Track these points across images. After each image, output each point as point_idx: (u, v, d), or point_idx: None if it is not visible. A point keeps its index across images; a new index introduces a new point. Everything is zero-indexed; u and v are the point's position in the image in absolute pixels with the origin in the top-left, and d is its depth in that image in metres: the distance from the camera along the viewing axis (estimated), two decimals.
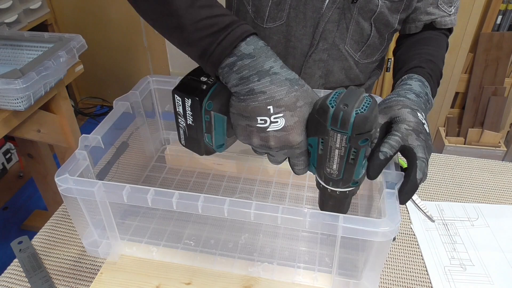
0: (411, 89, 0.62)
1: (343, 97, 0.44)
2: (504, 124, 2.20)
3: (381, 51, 0.84)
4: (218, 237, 0.71)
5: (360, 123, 0.42)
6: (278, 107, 0.46)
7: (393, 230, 0.50)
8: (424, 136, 0.53)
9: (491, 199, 0.83)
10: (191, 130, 0.54)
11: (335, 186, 0.50)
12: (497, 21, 2.00)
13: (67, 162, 0.60)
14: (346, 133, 0.44)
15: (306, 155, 0.50)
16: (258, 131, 0.47)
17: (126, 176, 0.82)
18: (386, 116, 0.56)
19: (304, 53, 0.80)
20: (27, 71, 1.08)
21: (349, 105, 0.43)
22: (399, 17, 0.77)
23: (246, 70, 0.46)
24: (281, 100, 0.46)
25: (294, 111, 0.46)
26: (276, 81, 0.46)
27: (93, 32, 2.44)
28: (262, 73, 0.46)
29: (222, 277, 0.64)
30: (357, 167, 0.47)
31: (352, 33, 0.77)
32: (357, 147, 0.45)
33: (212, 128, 0.52)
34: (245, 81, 0.46)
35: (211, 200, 0.54)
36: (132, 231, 0.72)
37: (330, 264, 0.66)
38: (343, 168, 0.47)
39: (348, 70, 0.84)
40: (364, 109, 0.43)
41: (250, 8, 0.79)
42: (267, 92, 0.45)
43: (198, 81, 0.51)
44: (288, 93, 0.46)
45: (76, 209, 0.63)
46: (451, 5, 0.79)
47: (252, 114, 0.46)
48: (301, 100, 0.47)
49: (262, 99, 0.46)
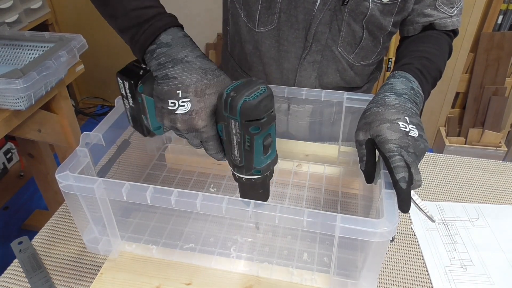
0: (392, 89, 0.61)
1: (239, 85, 0.47)
2: (505, 124, 2.20)
3: (377, 54, 0.83)
4: (218, 235, 0.71)
5: (247, 110, 0.46)
6: (186, 92, 0.50)
7: (391, 230, 0.50)
8: (412, 148, 0.54)
9: (491, 199, 0.83)
10: (133, 112, 0.60)
11: (240, 172, 0.53)
12: (498, 21, 2.00)
13: (68, 159, 0.60)
14: (236, 119, 0.47)
15: (214, 140, 0.53)
16: (168, 113, 0.51)
17: (127, 174, 0.82)
18: (367, 133, 0.57)
19: (298, 56, 0.80)
20: (28, 71, 1.08)
21: (239, 93, 0.46)
22: (393, 19, 0.75)
23: (163, 57, 0.51)
24: (190, 86, 0.50)
25: (202, 97, 0.50)
26: (188, 69, 0.50)
27: (93, 32, 2.44)
28: (176, 60, 0.51)
29: (222, 278, 0.64)
30: (255, 155, 0.50)
31: (344, 35, 0.76)
32: (250, 134, 0.47)
33: (146, 110, 0.57)
34: (162, 67, 0.51)
35: (210, 198, 0.54)
36: (132, 228, 0.73)
37: (328, 264, 0.66)
38: (242, 155, 0.50)
39: (343, 72, 0.83)
40: (253, 97, 0.46)
41: (242, 12, 0.79)
42: (178, 78, 0.50)
43: (138, 67, 0.57)
44: (198, 80, 0.50)
45: (76, 206, 0.63)
46: (452, 6, 0.76)
47: (165, 97, 0.51)
48: (212, 89, 0.50)
49: (173, 84, 0.50)
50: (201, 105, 0.50)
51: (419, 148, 0.55)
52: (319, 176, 0.83)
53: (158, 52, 0.52)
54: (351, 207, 0.78)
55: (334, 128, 0.91)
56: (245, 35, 0.82)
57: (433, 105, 2.26)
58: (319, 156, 0.87)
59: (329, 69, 0.82)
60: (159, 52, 0.51)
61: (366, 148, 0.57)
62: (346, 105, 0.76)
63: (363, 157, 0.57)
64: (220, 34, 2.31)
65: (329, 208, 0.77)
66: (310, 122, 0.93)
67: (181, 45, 0.52)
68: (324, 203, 0.78)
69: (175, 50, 0.51)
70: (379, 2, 0.71)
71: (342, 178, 0.83)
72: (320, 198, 0.79)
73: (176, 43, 0.52)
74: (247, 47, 0.84)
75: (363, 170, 0.58)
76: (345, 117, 0.78)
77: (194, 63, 0.51)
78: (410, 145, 0.54)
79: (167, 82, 0.50)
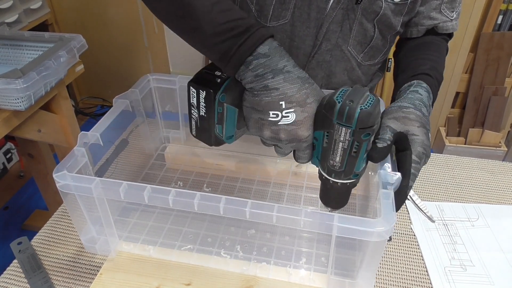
0: (422, 100, 0.64)
1: (349, 94, 0.47)
2: (505, 124, 2.20)
3: (383, 54, 0.84)
4: (216, 235, 0.71)
5: (364, 118, 0.46)
6: (290, 103, 0.49)
7: (387, 230, 0.50)
8: (427, 159, 0.58)
9: (491, 199, 0.83)
10: (203, 121, 0.58)
11: (337, 177, 0.53)
12: (497, 21, 2.00)
13: (66, 159, 0.60)
14: (350, 127, 0.47)
15: (311, 148, 0.54)
16: (269, 124, 0.51)
17: (126, 174, 0.82)
18: (403, 126, 0.58)
19: (307, 54, 0.80)
20: (28, 71, 1.08)
21: (355, 101, 0.46)
22: (402, 20, 0.77)
23: (261, 69, 0.49)
24: (293, 96, 0.49)
25: (304, 107, 0.50)
26: (289, 79, 0.49)
27: (93, 32, 2.44)
28: (276, 71, 0.49)
29: (222, 278, 0.64)
30: (358, 160, 0.50)
31: (355, 34, 0.77)
32: (360, 140, 0.48)
33: (224, 120, 0.56)
34: (260, 78, 0.49)
35: (207, 198, 0.54)
36: (130, 228, 0.73)
37: (326, 264, 0.66)
38: (345, 161, 0.51)
39: (351, 72, 0.84)
40: (368, 105, 0.46)
41: (253, 7, 0.79)
42: (280, 89, 0.49)
43: (212, 75, 0.55)
44: (299, 90, 0.49)
45: (74, 205, 0.63)
46: (453, 10, 0.78)
47: (265, 108, 0.50)
48: (311, 97, 0.50)
49: (275, 95, 0.49)
50: (305, 115, 0.50)
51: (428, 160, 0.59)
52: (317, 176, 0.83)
53: (255, 64, 0.49)
54: (349, 207, 0.78)
55: None
56: None
57: None
58: None
59: (337, 68, 0.83)
60: (256, 63, 0.49)
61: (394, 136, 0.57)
62: None
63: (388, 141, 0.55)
64: None
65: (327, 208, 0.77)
66: None
67: (279, 55, 0.50)
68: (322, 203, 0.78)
69: (274, 60, 0.49)
70: (391, 2, 0.73)
71: None
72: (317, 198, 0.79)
73: (274, 53, 0.50)
74: None
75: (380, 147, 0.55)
76: None
77: (293, 73, 0.50)
78: (429, 156, 0.58)
79: (267, 94, 0.49)
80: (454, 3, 0.78)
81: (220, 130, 0.57)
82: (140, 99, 0.77)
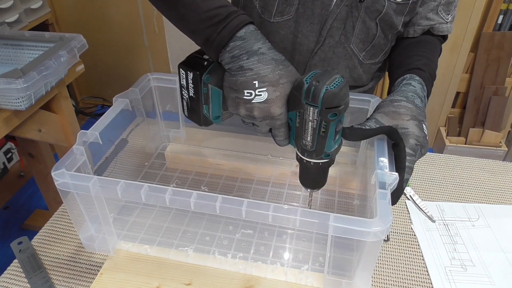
0: (416, 91, 0.65)
1: (317, 75, 0.50)
2: (505, 124, 2.20)
3: (384, 53, 0.85)
4: (214, 234, 0.71)
5: (329, 98, 0.49)
6: (263, 82, 0.52)
7: (383, 230, 0.50)
8: (424, 150, 0.59)
9: (492, 199, 0.82)
10: (193, 102, 0.62)
11: (309, 157, 0.56)
12: (498, 21, 2.00)
13: (64, 157, 0.61)
14: (317, 106, 0.49)
15: (285, 127, 0.56)
16: (244, 102, 0.54)
17: (125, 173, 0.82)
18: (393, 121, 0.60)
19: (310, 50, 0.81)
20: (28, 71, 1.08)
21: (321, 82, 0.49)
22: (403, 19, 0.78)
23: (237, 50, 0.53)
24: (266, 76, 0.52)
25: (277, 86, 0.52)
26: (263, 60, 0.52)
27: (94, 31, 2.44)
28: (251, 53, 0.52)
29: (222, 278, 0.64)
30: (328, 140, 0.53)
31: (358, 32, 0.78)
32: (327, 120, 0.50)
33: (209, 100, 0.60)
34: (236, 59, 0.53)
35: (204, 197, 0.54)
36: (128, 227, 0.73)
37: (323, 264, 0.66)
38: (315, 140, 0.53)
39: (352, 69, 0.84)
40: (334, 86, 0.49)
41: (257, 3, 0.80)
42: (254, 69, 0.52)
43: (200, 58, 0.59)
44: (272, 71, 0.52)
45: (72, 204, 0.63)
46: (449, 13, 0.80)
47: (240, 88, 0.53)
48: (284, 78, 0.53)
49: (249, 75, 0.52)
50: (276, 94, 0.53)
51: (426, 151, 0.60)
52: None
53: (231, 46, 0.53)
54: (347, 207, 0.78)
55: None
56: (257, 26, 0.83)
57: (433, 105, 2.26)
58: None
59: (339, 65, 0.83)
60: (233, 45, 0.53)
61: (378, 129, 0.59)
62: None
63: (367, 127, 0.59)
64: None
65: (325, 207, 0.77)
66: None
67: (254, 38, 0.54)
68: (320, 203, 0.78)
69: (249, 43, 0.53)
70: (393, 2, 0.74)
71: (339, 178, 0.83)
72: (316, 198, 0.79)
73: (250, 36, 0.53)
74: None
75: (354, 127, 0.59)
76: None
77: (268, 55, 0.53)
78: (425, 146, 0.59)
79: (242, 74, 0.52)
80: (450, 6, 0.80)
81: (207, 110, 0.61)
82: (140, 98, 0.77)
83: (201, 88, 0.59)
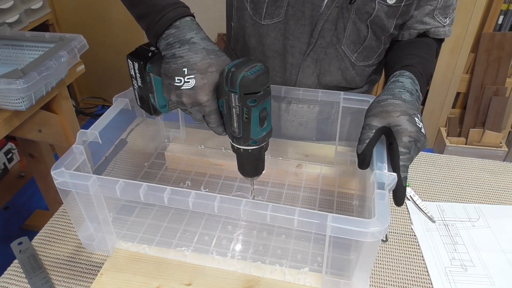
0: (404, 87, 0.65)
1: (238, 63, 0.52)
2: (506, 124, 2.20)
3: (378, 55, 0.84)
4: (213, 233, 0.71)
5: (246, 84, 0.50)
6: (192, 70, 0.54)
7: (381, 230, 0.50)
8: (420, 144, 0.59)
9: (492, 200, 0.82)
10: (141, 91, 0.64)
11: (238, 143, 0.58)
12: (498, 21, 2.00)
13: (64, 156, 0.61)
14: (236, 92, 0.51)
15: (216, 114, 0.58)
16: (175, 88, 0.56)
17: (125, 172, 0.82)
18: (384, 120, 0.60)
19: (302, 52, 0.81)
20: (28, 71, 1.08)
21: (239, 69, 0.51)
22: (396, 22, 0.77)
23: (171, 38, 0.56)
24: (195, 64, 0.54)
25: (205, 74, 0.55)
26: (193, 49, 0.55)
27: (94, 32, 2.44)
28: (183, 41, 0.55)
29: (222, 278, 0.64)
30: (252, 126, 0.54)
31: (349, 33, 0.78)
32: (248, 106, 0.52)
33: (154, 89, 0.61)
34: (170, 47, 0.56)
35: (202, 196, 0.54)
36: (127, 226, 0.73)
37: (321, 264, 0.65)
38: (241, 126, 0.55)
39: (345, 71, 0.84)
40: (252, 73, 0.50)
41: (248, 5, 0.79)
42: (185, 57, 0.55)
43: (147, 50, 0.61)
44: (202, 59, 0.55)
45: (72, 203, 0.63)
46: (446, 17, 0.79)
47: (172, 74, 0.55)
48: (214, 67, 0.55)
49: (180, 62, 0.55)
50: (204, 81, 0.55)
51: (424, 145, 0.60)
52: (315, 176, 0.84)
53: (166, 33, 0.56)
54: (346, 207, 0.78)
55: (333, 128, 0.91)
56: (250, 28, 0.83)
57: (433, 105, 2.26)
58: (316, 156, 0.87)
59: (331, 67, 0.83)
60: (168, 33, 0.56)
61: (376, 133, 0.60)
62: (343, 105, 0.76)
63: (366, 140, 0.60)
64: (220, 34, 2.31)
65: (324, 208, 0.77)
66: (310, 121, 0.94)
67: (188, 27, 0.56)
68: (319, 203, 0.78)
69: (182, 32, 0.56)
70: (384, 4, 0.73)
71: (339, 178, 0.83)
72: (316, 198, 0.79)
73: (183, 26, 0.56)
74: (251, 41, 0.85)
75: (360, 152, 0.60)
76: (343, 117, 0.78)
77: (199, 44, 0.55)
78: (420, 141, 0.59)
79: (174, 61, 0.55)
80: (448, 10, 0.78)
81: (153, 99, 0.63)
82: None
83: (145, 78, 0.61)
